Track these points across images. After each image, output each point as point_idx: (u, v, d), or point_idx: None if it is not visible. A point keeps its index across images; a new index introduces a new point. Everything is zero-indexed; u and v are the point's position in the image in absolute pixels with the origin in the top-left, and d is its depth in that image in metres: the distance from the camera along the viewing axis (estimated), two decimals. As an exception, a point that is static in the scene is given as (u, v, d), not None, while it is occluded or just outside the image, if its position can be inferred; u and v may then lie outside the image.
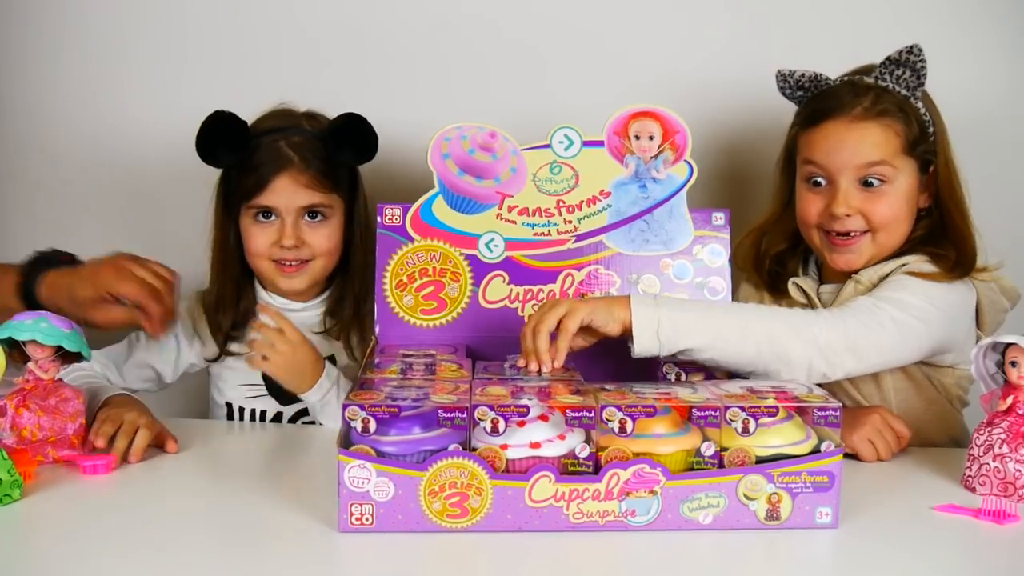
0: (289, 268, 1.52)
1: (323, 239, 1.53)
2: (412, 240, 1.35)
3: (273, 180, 1.48)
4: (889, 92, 1.37)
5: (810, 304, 1.45)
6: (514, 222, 1.35)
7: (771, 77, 1.51)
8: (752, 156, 1.59)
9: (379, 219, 1.35)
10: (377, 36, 1.76)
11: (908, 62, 1.36)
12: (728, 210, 1.38)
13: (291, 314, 1.56)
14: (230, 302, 1.56)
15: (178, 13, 1.78)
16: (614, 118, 1.34)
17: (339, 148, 1.50)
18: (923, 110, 1.38)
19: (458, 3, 1.75)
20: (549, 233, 1.36)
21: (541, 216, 1.36)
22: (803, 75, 1.43)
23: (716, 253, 1.37)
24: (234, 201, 1.53)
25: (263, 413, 1.58)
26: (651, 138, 1.34)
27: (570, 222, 1.36)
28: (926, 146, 1.39)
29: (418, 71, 1.76)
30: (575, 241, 1.36)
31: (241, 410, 1.59)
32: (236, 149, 1.48)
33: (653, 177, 1.35)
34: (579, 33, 1.74)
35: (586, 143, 1.35)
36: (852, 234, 1.38)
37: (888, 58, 1.37)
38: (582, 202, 1.36)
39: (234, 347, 1.57)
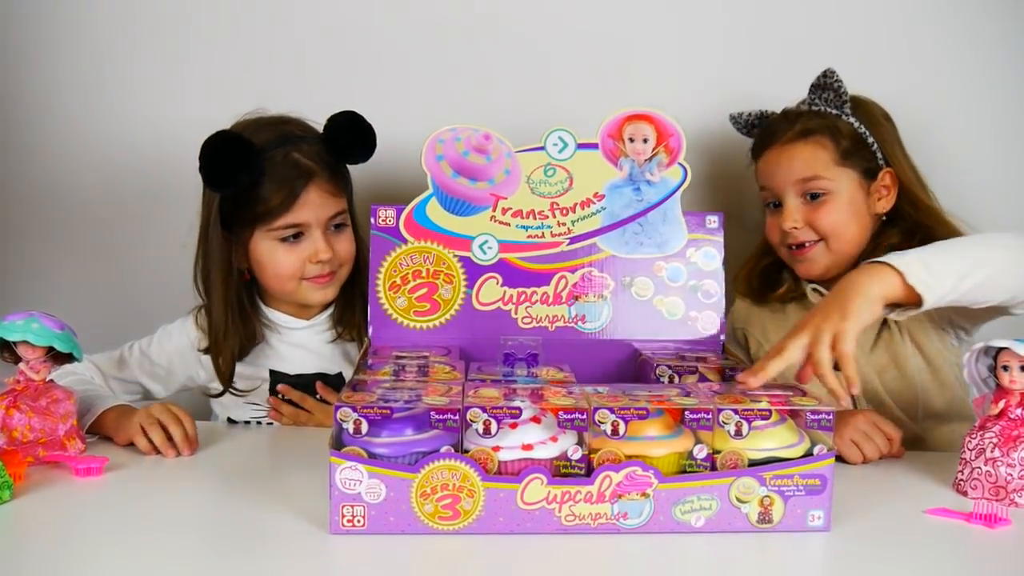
0: (322, 279, 1.49)
1: (347, 244, 1.51)
2: (406, 242, 1.35)
3: (303, 195, 1.44)
4: (817, 114, 1.49)
5: None
6: (508, 224, 1.35)
7: (767, 80, 1.53)
8: (746, 160, 1.60)
9: (373, 220, 1.34)
10: (371, 38, 1.76)
11: (828, 85, 1.48)
12: (722, 213, 1.37)
13: (297, 332, 1.55)
14: (237, 333, 1.50)
15: (171, 19, 1.78)
16: (608, 121, 1.34)
17: (348, 149, 1.48)
18: (856, 123, 1.48)
19: (453, 5, 1.75)
20: (543, 235, 1.36)
21: (535, 218, 1.35)
22: (751, 114, 1.57)
23: (710, 256, 1.36)
24: (244, 225, 1.46)
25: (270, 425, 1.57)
26: (645, 141, 1.34)
27: (564, 224, 1.35)
28: (864, 155, 1.48)
29: (413, 72, 1.76)
30: (569, 244, 1.36)
31: (247, 423, 1.57)
32: (251, 169, 1.41)
33: (647, 180, 1.35)
34: (574, 35, 1.74)
35: (580, 146, 1.34)
36: (807, 244, 1.49)
37: (812, 84, 1.50)
38: (576, 204, 1.35)
39: (240, 384, 1.53)
